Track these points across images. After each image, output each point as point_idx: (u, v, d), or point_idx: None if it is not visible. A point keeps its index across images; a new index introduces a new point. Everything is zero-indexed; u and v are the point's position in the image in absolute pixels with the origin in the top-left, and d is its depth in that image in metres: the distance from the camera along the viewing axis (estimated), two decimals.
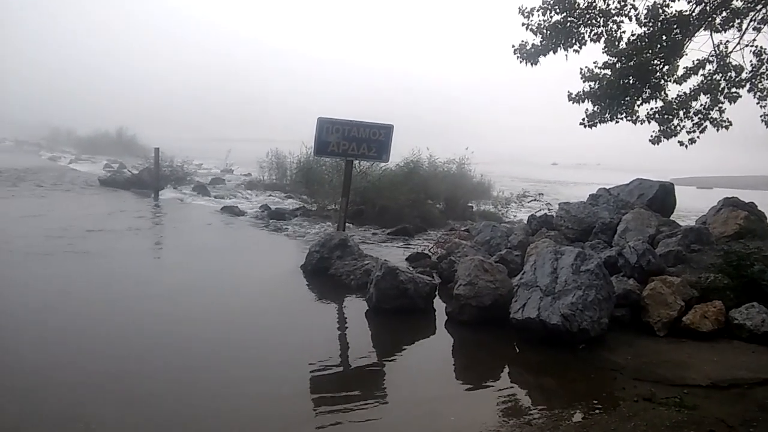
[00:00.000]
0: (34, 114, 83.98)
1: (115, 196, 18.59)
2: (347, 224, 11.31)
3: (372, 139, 10.62)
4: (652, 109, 11.85)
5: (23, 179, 21.77)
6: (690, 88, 11.70)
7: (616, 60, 11.63)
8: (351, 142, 10.55)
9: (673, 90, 11.90)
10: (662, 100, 11.75)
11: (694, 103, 11.72)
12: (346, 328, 7.14)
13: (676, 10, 11.02)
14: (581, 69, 12.21)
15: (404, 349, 6.41)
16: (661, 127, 11.83)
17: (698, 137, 11.72)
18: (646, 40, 11.14)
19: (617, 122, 12.15)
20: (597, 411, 4.73)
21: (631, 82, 11.58)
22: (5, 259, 8.99)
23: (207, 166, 32.88)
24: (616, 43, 11.62)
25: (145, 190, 19.55)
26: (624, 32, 11.68)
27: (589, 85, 12.02)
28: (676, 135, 11.78)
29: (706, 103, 11.59)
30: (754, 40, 11.23)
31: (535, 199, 16.29)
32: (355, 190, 13.23)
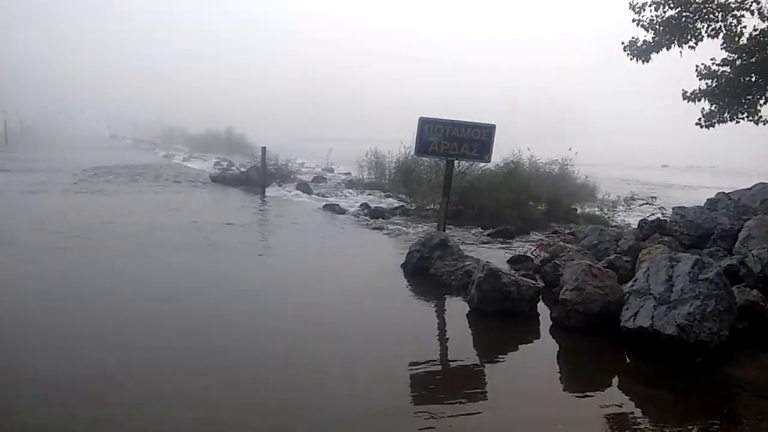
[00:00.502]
0: (150, 114, 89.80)
1: (225, 192, 19.54)
2: (447, 224, 11.30)
3: (474, 139, 10.55)
4: None
5: (142, 175, 23.34)
6: None
7: (736, 57, 10.91)
8: (452, 142, 10.53)
9: None
10: None
11: None
12: (447, 328, 7.14)
13: None
14: (697, 66, 11.57)
15: (506, 353, 6.32)
16: None
17: None
18: None
19: (737, 122, 11.39)
20: (715, 429, 4.46)
21: (753, 79, 10.83)
22: (155, 252, 9.79)
23: (309, 165, 33.82)
24: (737, 39, 10.91)
25: (252, 187, 20.39)
26: (745, 27, 10.95)
27: (706, 83, 11.36)
28: None
29: None
30: None
31: (646, 203, 15.55)
32: (455, 190, 13.15)
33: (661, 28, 10.98)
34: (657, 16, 11.00)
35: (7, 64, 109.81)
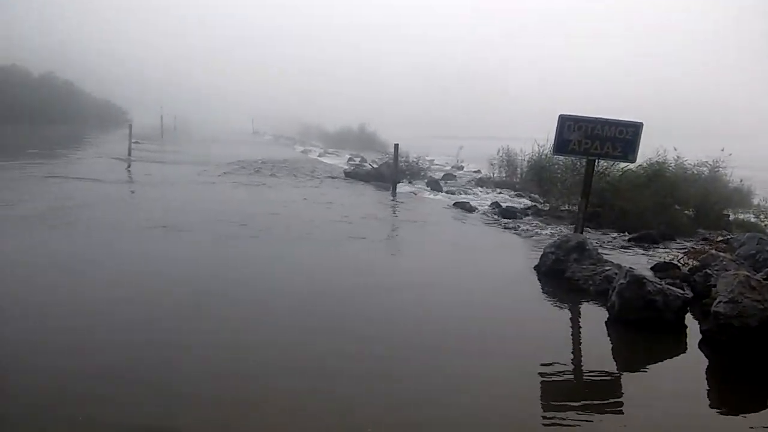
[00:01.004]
0: (290, 111, 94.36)
1: (358, 187, 20.08)
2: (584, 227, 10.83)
3: (617, 137, 10.00)
4: None
5: (282, 169, 24.57)
6: None
7: None
8: (594, 141, 10.06)
9: None
10: None
11: None
12: (583, 334, 6.85)
13: None
14: None
15: (648, 365, 5.96)
16: None
17: None
18: None
19: None
20: None
21: None
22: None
23: (438, 162, 33.88)
24: None
25: (383, 183, 20.78)
26: None
27: None
28: None
29: None
30: None
31: None
32: (593, 191, 12.57)
33: None
34: None
35: (165, 64, 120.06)
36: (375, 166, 23.33)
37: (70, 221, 10.95)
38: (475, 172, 28.86)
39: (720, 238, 11.20)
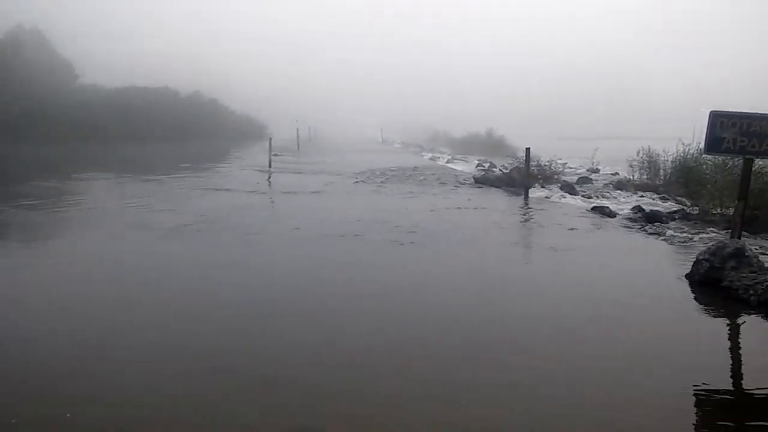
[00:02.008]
0: (417, 118, 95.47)
1: (490, 193, 19.89)
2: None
3: None
4: None
5: (411, 177, 24.91)
6: None
7: None
8: (751, 138, 9.24)
9: None
10: None
11: None
12: (743, 349, 6.29)
13: None
14: None
15: None
16: None
17: None
18: None
19: None
20: None
21: None
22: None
23: (572, 165, 32.68)
24: None
25: (514, 188, 20.41)
26: None
27: None
28: None
29: None
30: None
31: None
32: (749, 193, 11.53)
33: None
34: None
35: (300, 79, 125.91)
36: (505, 171, 22.98)
37: (226, 227, 11.82)
38: (612, 174, 27.50)
39: None
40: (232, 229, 11.71)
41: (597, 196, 19.55)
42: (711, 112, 9.43)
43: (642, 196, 19.41)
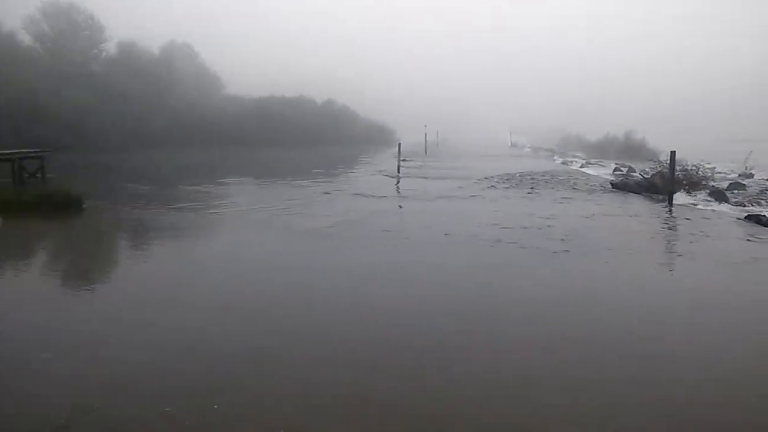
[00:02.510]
0: (548, 122, 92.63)
1: (629, 199, 18.80)
2: None
3: None
4: None
5: (542, 182, 24.14)
6: None
7: None
8: None
9: None
10: None
11: None
12: None
13: None
14: None
15: None
16: None
17: None
18: None
19: None
20: None
21: None
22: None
23: (721, 170, 30.14)
24: None
25: (656, 194, 19.12)
26: None
27: None
28: None
29: None
30: None
31: None
32: None
33: None
34: None
35: (429, 85, 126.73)
36: (646, 176, 21.59)
37: (372, 230, 12.10)
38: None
39: None
40: (378, 232, 11.98)
41: (751, 204, 17.83)
42: None
43: None
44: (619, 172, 29.02)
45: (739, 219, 14.59)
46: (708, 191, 19.97)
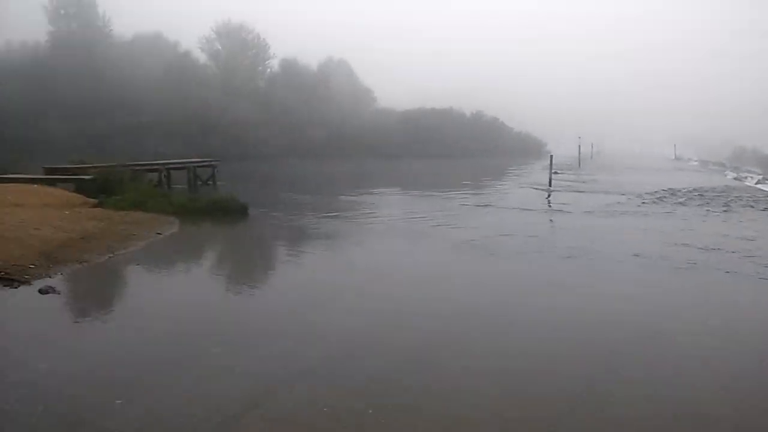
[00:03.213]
0: (717, 133, 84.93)
1: None
2: None
3: None
4: None
5: (713, 198, 22.08)
6: None
7: None
8: None
9: None
10: None
11: None
12: None
13: None
14: None
15: None
16: None
17: None
18: None
19: None
20: None
21: None
22: None
23: None
24: None
25: None
26: None
27: None
28: None
29: None
30: None
31: None
32: None
33: None
34: None
35: (582, 94, 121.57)
36: None
37: (532, 245, 11.83)
38: None
39: None
40: (541, 248, 11.58)
41: None
42: None
43: None
44: None
45: None
46: None
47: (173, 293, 8.50)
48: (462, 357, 5.86)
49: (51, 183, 17.27)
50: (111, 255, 9.98)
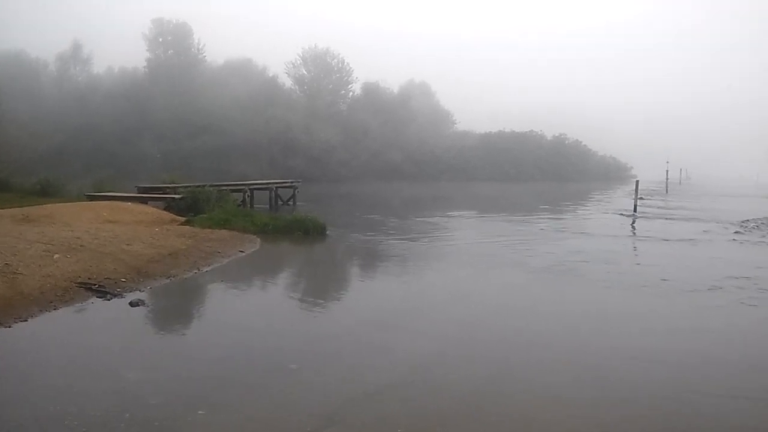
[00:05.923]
0: None
1: None
2: None
3: None
4: None
5: None
6: None
7: None
8: None
9: None
10: None
11: None
12: None
13: None
14: None
15: None
16: None
17: None
18: None
19: None
20: None
21: None
22: None
23: None
24: None
25: None
26: None
27: None
28: None
29: None
30: None
31: None
32: None
33: None
34: None
35: (671, 118, 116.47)
36: None
37: (613, 273, 11.39)
38: None
39: None
40: (623, 277, 11.16)
41: None
42: None
43: None
44: None
45: None
46: None
47: (253, 309, 8.82)
48: (532, 384, 5.74)
49: (143, 201, 18.30)
50: (197, 271, 10.44)
